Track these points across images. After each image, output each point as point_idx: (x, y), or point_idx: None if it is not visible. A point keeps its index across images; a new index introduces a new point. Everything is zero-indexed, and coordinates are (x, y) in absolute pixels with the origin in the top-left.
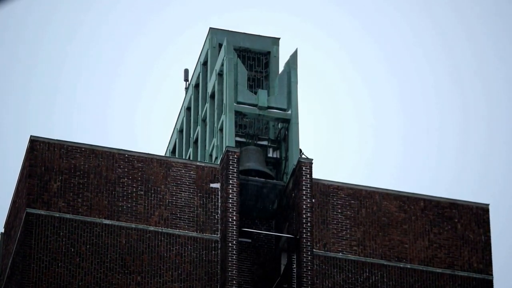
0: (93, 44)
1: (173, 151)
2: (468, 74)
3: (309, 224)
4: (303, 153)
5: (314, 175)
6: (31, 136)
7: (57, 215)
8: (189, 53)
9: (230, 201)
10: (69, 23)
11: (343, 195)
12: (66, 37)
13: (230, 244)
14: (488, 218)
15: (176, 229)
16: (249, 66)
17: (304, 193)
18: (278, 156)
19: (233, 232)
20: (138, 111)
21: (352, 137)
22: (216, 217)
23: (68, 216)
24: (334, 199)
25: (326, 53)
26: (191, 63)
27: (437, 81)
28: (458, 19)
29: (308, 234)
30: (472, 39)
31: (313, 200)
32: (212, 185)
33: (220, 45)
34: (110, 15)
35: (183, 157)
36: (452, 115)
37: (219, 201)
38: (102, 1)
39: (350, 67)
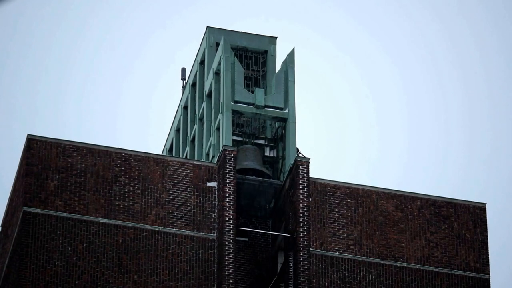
0: (91, 44)
1: (170, 150)
2: (472, 73)
3: (306, 223)
4: (300, 152)
5: (311, 174)
6: (28, 134)
7: (54, 213)
8: (186, 52)
9: (227, 200)
10: (66, 23)
11: (340, 194)
12: (64, 37)
13: (226, 243)
14: (485, 217)
15: (173, 227)
16: (246, 65)
17: (301, 192)
18: (275, 155)
19: (230, 231)
20: (135, 110)
21: (349, 135)
22: (213, 216)
23: (65, 214)
24: (331, 198)
25: (324, 52)
26: (188, 62)
27: (439, 79)
28: (462, 14)
29: (305, 233)
30: (478, 38)
31: (310, 199)
32: (209, 184)
33: (217, 44)
34: (106, 16)
35: (180, 156)
36: (452, 115)
37: (216, 200)
38: (97, 4)
39: (347, 65)
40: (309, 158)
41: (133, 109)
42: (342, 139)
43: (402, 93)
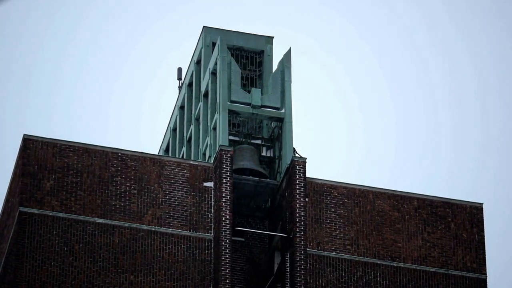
0: (87, 44)
1: (167, 150)
2: (462, 70)
3: (302, 223)
4: (296, 152)
5: (308, 174)
6: (24, 134)
7: (50, 214)
8: (182, 52)
9: (224, 200)
10: (60, 20)
11: (336, 194)
12: (59, 35)
13: (223, 243)
14: (482, 217)
15: (169, 228)
16: (243, 64)
17: (297, 192)
18: (272, 155)
19: (227, 231)
20: (131, 110)
21: (346, 135)
22: (210, 216)
23: (61, 215)
24: (328, 198)
25: (320, 52)
26: (185, 61)
27: (430, 79)
28: (450, 14)
29: (302, 233)
30: (467, 36)
31: (307, 199)
32: (205, 184)
33: (214, 44)
34: (102, 15)
35: (177, 156)
36: (446, 113)
37: (213, 200)
38: (92, 2)
39: (344, 65)
40: (306, 158)
41: (129, 109)
42: (339, 139)
43: (398, 93)
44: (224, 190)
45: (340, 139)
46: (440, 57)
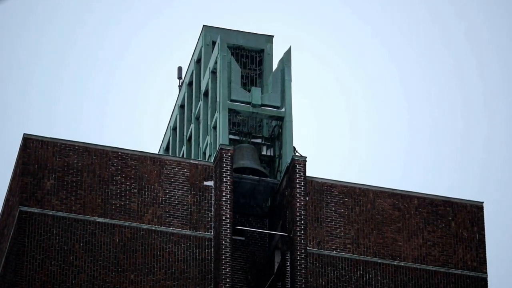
0: (87, 42)
1: (167, 149)
2: (466, 69)
3: (302, 222)
4: (297, 151)
5: (308, 173)
6: (24, 134)
7: (51, 213)
8: (182, 51)
9: (224, 199)
10: (60, 19)
11: (337, 193)
12: (60, 36)
13: (223, 242)
14: (482, 216)
15: (170, 227)
16: (243, 63)
17: (297, 191)
18: (272, 154)
19: (227, 230)
20: (131, 109)
21: (346, 134)
22: (210, 215)
23: (61, 214)
24: (328, 197)
25: (321, 50)
26: (185, 60)
27: (434, 77)
28: (458, 15)
29: (302, 232)
30: (473, 36)
31: (307, 198)
32: (205, 183)
33: (214, 43)
34: (102, 13)
35: (177, 155)
36: (449, 113)
37: (213, 199)
38: (92, 1)
39: (344, 64)
40: (306, 157)
41: (129, 108)
42: (339, 138)
43: (399, 92)
44: (224, 189)
45: (340, 137)
46: (443, 54)
